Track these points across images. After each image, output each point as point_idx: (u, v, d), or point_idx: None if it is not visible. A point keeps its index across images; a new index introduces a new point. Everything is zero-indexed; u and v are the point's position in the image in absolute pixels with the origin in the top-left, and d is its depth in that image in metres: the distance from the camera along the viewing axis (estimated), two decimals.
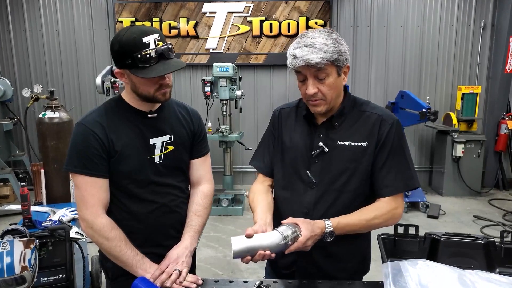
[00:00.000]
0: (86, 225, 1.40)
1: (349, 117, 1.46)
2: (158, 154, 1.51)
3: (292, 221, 1.29)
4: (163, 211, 1.53)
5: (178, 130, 1.57)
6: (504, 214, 4.90)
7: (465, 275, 1.09)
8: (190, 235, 1.55)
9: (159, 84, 1.42)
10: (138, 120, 1.48)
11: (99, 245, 1.43)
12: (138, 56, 1.31)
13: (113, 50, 1.38)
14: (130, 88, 1.44)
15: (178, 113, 1.61)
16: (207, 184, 1.69)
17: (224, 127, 4.94)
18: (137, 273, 1.41)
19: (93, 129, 1.40)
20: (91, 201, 1.39)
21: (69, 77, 6.03)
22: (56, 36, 5.92)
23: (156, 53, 1.33)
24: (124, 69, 1.39)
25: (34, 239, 2.08)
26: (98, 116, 1.44)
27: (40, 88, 4.15)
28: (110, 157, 1.42)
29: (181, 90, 6.02)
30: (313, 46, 1.29)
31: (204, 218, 1.63)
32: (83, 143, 1.39)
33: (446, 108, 5.97)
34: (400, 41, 5.89)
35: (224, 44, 5.85)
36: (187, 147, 1.61)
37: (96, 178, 1.40)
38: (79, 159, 1.39)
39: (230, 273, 3.55)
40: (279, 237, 1.23)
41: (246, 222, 4.74)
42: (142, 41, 1.32)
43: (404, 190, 1.44)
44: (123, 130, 1.44)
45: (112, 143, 1.41)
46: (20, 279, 2.03)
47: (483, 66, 5.93)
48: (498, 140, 5.82)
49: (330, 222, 1.33)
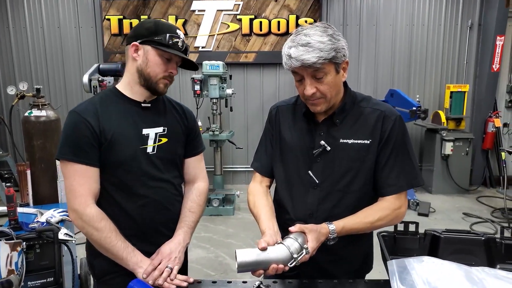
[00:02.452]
0: (76, 216, 1.37)
1: (351, 113, 1.41)
2: (151, 144, 1.48)
3: (300, 229, 1.25)
4: (155, 207, 1.49)
5: (172, 123, 1.56)
6: (493, 211, 4.96)
7: (471, 272, 1.07)
8: (183, 230, 1.54)
9: (168, 73, 1.46)
10: (132, 110, 1.47)
11: (89, 236, 1.39)
12: (171, 37, 1.42)
13: (142, 26, 1.45)
14: (136, 67, 1.44)
15: (172, 108, 1.61)
16: (202, 182, 1.68)
17: (215, 126, 4.89)
18: (128, 266, 1.37)
19: (85, 116, 1.38)
20: (80, 191, 1.36)
21: (54, 75, 5.90)
22: (41, 34, 5.79)
23: (183, 45, 1.45)
24: (146, 44, 1.42)
25: (21, 241, 2.01)
26: (92, 105, 1.43)
27: (26, 86, 4.02)
28: (101, 145, 1.39)
29: (170, 89, 5.79)
30: (308, 45, 1.23)
31: (198, 215, 1.62)
32: (74, 131, 1.37)
33: (434, 107, 6.02)
34: (389, 40, 5.92)
35: (213, 42, 5.79)
36: (181, 142, 1.60)
37: (87, 167, 1.37)
38: (70, 146, 1.37)
39: (222, 274, 3.50)
40: (285, 252, 1.19)
41: (238, 222, 4.70)
42: (176, 30, 1.46)
43: (408, 188, 1.40)
44: (116, 119, 1.43)
45: (104, 131, 1.39)
46: (6, 283, 1.96)
47: (470, 65, 6.00)
48: (486, 138, 5.89)
49: (334, 226, 1.29)
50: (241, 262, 1.16)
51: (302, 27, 1.32)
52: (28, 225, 2.20)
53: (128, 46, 1.46)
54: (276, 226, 1.36)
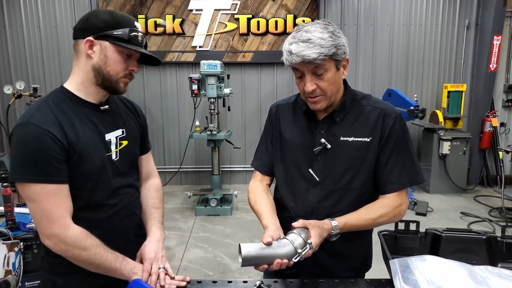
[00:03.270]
0: (56, 241, 1.21)
1: (351, 111, 1.41)
2: (114, 150, 1.38)
3: (303, 224, 1.25)
4: (123, 215, 1.41)
5: (129, 123, 1.47)
6: (490, 210, 4.97)
7: (475, 271, 1.06)
8: (157, 226, 1.49)
9: (129, 70, 1.34)
10: (91, 114, 1.33)
11: (75, 258, 1.24)
12: (131, 31, 1.29)
13: (97, 18, 1.29)
14: (93, 65, 1.28)
15: (125, 107, 1.51)
16: (156, 178, 1.63)
17: (212, 126, 4.87)
18: (123, 276, 1.31)
19: (47, 128, 1.19)
20: (57, 213, 1.20)
21: (51, 75, 5.86)
22: (37, 33, 5.75)
23: (142, 40, 1.34)
24: (103, 39, 1.27)
25: (18, 241, 1.99)
26: (48, 112, 1.23)
27: (23, 85, 4.00)
28: (69, 159, 1.23)
29: (167, 89, 5.92)
30: (309, 41, 1.24)
31: (162, 210, 1.57)
32: (39, 147, 1.18)
33: (432, 106, 6.03)
34: (386, 40, 5.93)
35: (211, 41, 5.78)
36: (138, 142, 1.53)
37: (59, 185, 1.21)
38: (37, 166, 1.18)
39: (221, 274, 3.49)
40: (290, 247, 1.20)
41: (235, 221, 4.69)
42: (134, 23, 1.33)
43: (409, 185, 1.40)
44: (79, 127, 1.27)
45: (71, 142, 1.23)
46: (3, 283, 1.94)
47: (467, 64, 6.01)
48: (483, 138, 5.91)
49: (337, 223, 1.29)
50: (246, 256, 1.15)
51: (303, 24, 1.32)
52: (25, 225, 2.19)
53: (78, 40, 1.29)
54: (278, 222, 1.36)
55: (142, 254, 1.39)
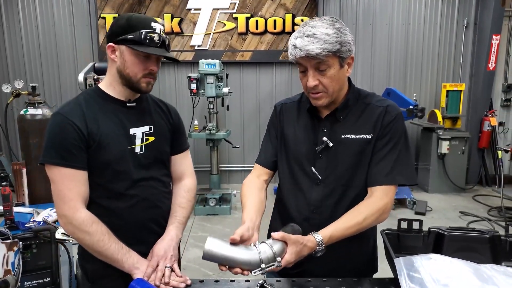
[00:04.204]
0: (65, 221, 1.33)
1: (354, 109, 1.40)
2: (139, 144, 1.45)
3: (282, 238, 1.19)
4: (145, 206, 1.46)
5: (158, 121, 1.54)
6: (489, 210, 4.97)
7: (480, 269, 1.05)
8: (175, 226, 1.51)
9: (148, 70, 1.40)
10: (117, 109, 1.43)
11: (80, 241, 1.35)
12: (143, 33, 1.33)
13: (116, 24, 1.38)
14: (116, 69, 1.39)
15: (157, 106, 1.59)
16: (189, 179, 1.67)
17: (211, 125, 4.85)
18: (124, 268, 1.34)
19: (71, 118, 1.33)
20: (69, 195, 1.31)
21: (49, 74, 5.83)
22: (35, 33, 5.71)
23: (159, 39, 1.37)
24: (121, 44, 1.36)
25: (17, 241, 1.97)
26: (76, 106, 1.38)
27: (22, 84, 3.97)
28: (89, 147, 1.35)
29: (165, 88, 5.90)
30: (314, 36, 1.23)
31: (188, 211, 1.59)
32: (61, 134, 1.32)
33: (431, 105, 6.03)
34: (385, 39, 5.92)
35: (209, 41, 5.76)
36: (168, 140, 1.58)
37: (75, 171, 1.32)
38: (57, 150, 1.31)
39: (220, 274, 3.47)
40: (254, 258, 1.14)
41: (234, 221, 4.68)
42: (150, 24, 1.37)
43: (393, 183, 1.36)
44: (102, 120, 1.39)
45: (91, 133, 1.35)
46: (3, 283, 1.93)
47: (466, 64, 6.01)
48: (481, 137, 5.92)
49: (321, 237, 1.23)
50: (208, 251, 1.13)
51: (310, 19, 1.31)
52: (25, 224, 2.17)
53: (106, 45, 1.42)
54: (259, 221, 1.34)
55: (152, 251, 1.42)
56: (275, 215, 1.60)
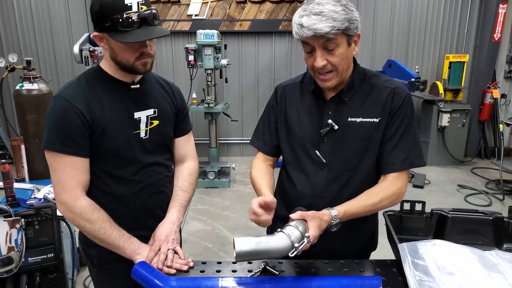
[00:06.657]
0: (66, 209, 1.30)
1: (360, 90, 1.36)
2: (144, 129, 1.40)
3: (301, 216, 1.19)
4: (150, 192, 1.45)
5: (162, 104, 1.48)
6: (487, 183, 4.99)
7: (485, 256, 1.05)
8: (176, 209, 1.50)
9: (140, 52, 1.30)
10: (121, 92, 1.37)
11: (81, 228, 1.33)
12: (118, 18, 1.21)
13: (92, 11, 1.27)
14: (109, 55, 1.33)
15: (160, 87, 1.52)
16: (192, 162, 1.63)
17: (210, 98, 4.78)
18: (126, 254, 1.34)
19: (74, 103, 1.26)
20: (69, 183, 1.28)
21: (43, 46, 5.68)
22: (27, 3, 5.52)
23: (139, 17, 1.23)
24: (103, 32, 1.27)
25: (19, 218, 1.99)
26: (78, 88, 1.31)
27: (16, 58, 3.87)
28: (93, 134, 1.30)
29: (162, 60, 5.77)
30: (321, 14, 1.17)
31: (190, 194, 1.58)
32: (63, 119, 1.26)
33: (433, 77, 5.93)
34: (388, 8, 5.75)
35: (207, 10, 5.58)
36: (172, 123, 1.53)
37: (76, 158, 1.28)
38: (59, 137, 1.26)
39: (220, 246, 3.52)
40: (286, 241, 1.14)
41: (233, 194, 4.70)
42: (124, 3, 1.22)
43: (409, 167, 1.36)
44: (106, 103, 1.33)
45: (95, 118, 1.29)
46: (6, 260, 1.97)
47: (470, 34, 5.87)
48: (483, 110, 5.86)
49: (336, 212, 1.24)
50: (240, 252, 1.10)
51: None
52: (26, 201, 2.17)
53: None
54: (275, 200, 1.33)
55: (154, 235, 1.42)
56: (278, 200, 1.59)
